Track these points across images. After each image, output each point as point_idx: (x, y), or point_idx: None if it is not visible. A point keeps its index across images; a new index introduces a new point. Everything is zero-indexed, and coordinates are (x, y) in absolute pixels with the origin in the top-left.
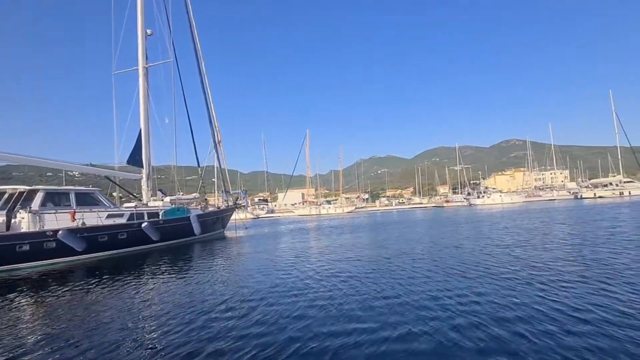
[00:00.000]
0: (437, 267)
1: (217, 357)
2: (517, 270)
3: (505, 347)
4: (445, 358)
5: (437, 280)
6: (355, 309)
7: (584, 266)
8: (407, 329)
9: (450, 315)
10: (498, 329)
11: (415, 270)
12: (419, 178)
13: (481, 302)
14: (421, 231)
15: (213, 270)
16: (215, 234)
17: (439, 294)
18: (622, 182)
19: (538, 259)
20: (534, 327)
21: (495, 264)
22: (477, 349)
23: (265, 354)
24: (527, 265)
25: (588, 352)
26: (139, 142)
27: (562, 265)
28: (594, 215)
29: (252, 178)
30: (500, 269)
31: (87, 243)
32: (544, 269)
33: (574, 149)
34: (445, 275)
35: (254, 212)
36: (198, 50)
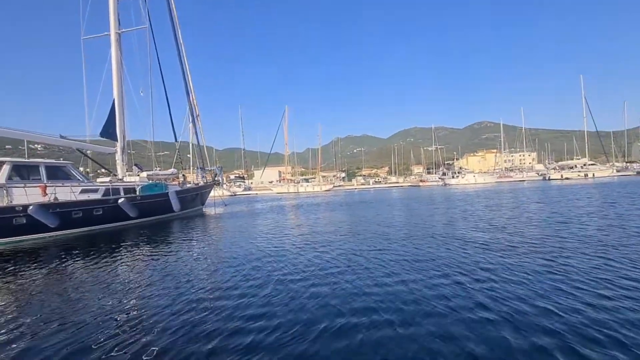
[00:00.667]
0: (437, 245)
1: (191, 337)
2: (515, 246)
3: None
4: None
5: (443, 258)
6: (351, 288)
7: (578, 242)
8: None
9: (461, 294)
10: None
11: (419, 249)
12: (395, 157)
13: (496, 279)
14: (405, 209)
15: (194, 249)
16: (194, 211)
17: (450, 272)
18: (587, 165)
19: (533, 236)
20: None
21: (491, 240)
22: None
23: (244, 332)
24: (524, 241)
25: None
26: (113, 113)
27: (556, 241)
28: (567, 194)
29: (226, 155)
30: (500, 246)
31: (60, 219)
32: (543, 245)
33: (541, 132)
34: (448, 252)
35: (231, 189)
36: (174, 17)
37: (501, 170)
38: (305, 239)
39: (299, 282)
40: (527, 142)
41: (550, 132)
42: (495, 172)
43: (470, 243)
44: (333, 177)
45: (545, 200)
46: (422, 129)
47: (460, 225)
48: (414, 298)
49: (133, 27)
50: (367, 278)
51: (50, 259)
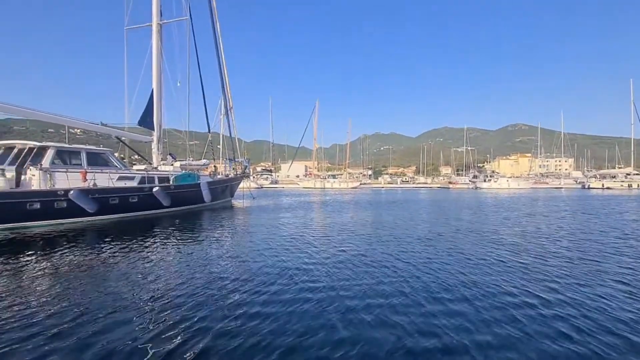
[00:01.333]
0: (488, 257)
1: (215, 333)
2: (580, 263)
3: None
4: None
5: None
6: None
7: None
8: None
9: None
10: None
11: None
12: (423, 157)
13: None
14: (440, 214)
15: (222, 243)
16: (224, 202)
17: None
18: (632, 175)
19: (596, 254)
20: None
21: (551, 256)
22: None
23: (269, 334)
24: (587, 258)
25: None
26: (151, 103)
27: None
28: (613, 205)
29: (254, 147)
30: (560, 262)
31: (98, 204)
32: (611, 264)
33: (579, 138)
34: (501, 266)
35: (258, 181)
36: (214, 10)
37: (536, 175)
38: (334, 242)
39: (321, 291)
40: (565, 148)
41: (590, 137)
42: (530, 178)
43: (529, 256)
44: (359, 174)
45: (590, 210)
46: (452, 129)
47: (511, 236)
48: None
49: (174, 19)
50: (416, 301)
51: (88, 243)
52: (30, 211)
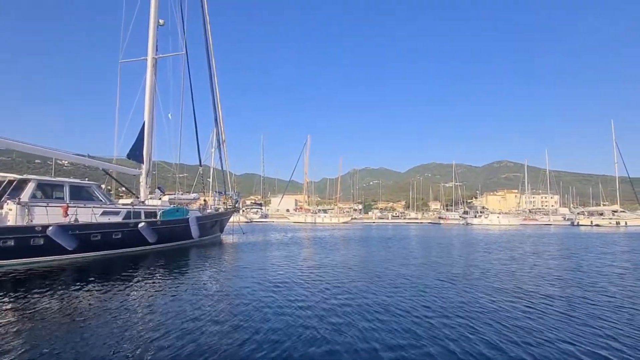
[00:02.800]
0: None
1: None
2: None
3: None
4: None
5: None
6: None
7: None
8: None
9: None
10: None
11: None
12: (412, 192)
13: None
14: (434, 252)
15: (209, 284)
16: (213, 238)
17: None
18: (618, 212)
19: (622, 297)
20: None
21: (573, 301)
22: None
23: None
24: (609, 301)
25: None
26: (141, 136)
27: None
28: (610, 244)
29: (244, 180)
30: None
31: (78, 241)
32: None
33: (563, 175)
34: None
35: (247, 215)
36: (210, 46)
37: (525, 211)
38: (326, 286)
39: (312, 344)
40: (551, 184)
41: (573, 175)
42: (519, 214)
43: (550, 305)
44: (350, 209)
45: (592, 249)
46: (440, 165)
47: (526, 279)
48: None
49: (170, 53)
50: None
51: (63, 283)
52: (3, 248)
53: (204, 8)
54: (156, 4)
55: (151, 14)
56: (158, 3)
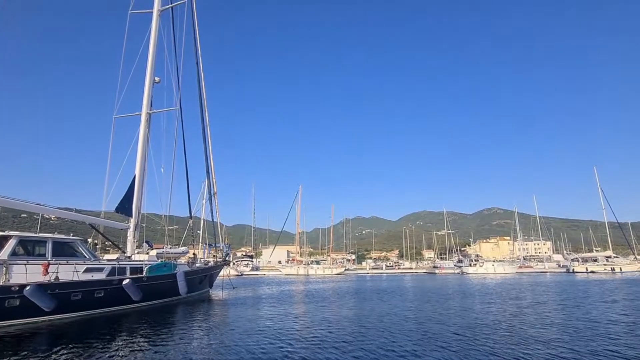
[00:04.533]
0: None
1: None
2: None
3: None
4: None
5: None
6: None
7: None
8: None
9: None
10: None
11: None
12: (405, 241)
13: None
14: (436, 309)
15: (193, 349)
16: (201, 294)
17: None
18: (612, 258)
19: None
20: None
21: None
22: None
23: None
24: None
25: None
26: (132, 189)
27: None
28: (615, 292)
29: (235, 231)
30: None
31: (56, 302)
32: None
33: (552, 221)
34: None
35: (238, 268)
36: (203, 102)
37: (519, 259)
38: (322, 349)
39: None
40: (542, 231)
41: (562, 220)
42: (514, 262)
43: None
44: (343, 259)
45: (599, 299)
46: (431, 213)
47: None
48: None
49: (164, 109)
50: None
51: (36, 349)
52: None
53: (198, 66)
54: (153, 63)
55: (147, 72)
56: (155, 62)
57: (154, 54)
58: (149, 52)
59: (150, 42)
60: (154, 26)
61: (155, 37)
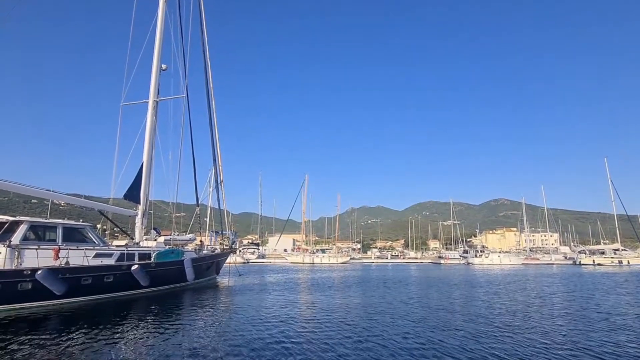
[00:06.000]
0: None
1: None
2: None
3: None
4: None
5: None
6: None
7: None
8: None
9: None
10: None
11: None
12: (411, 231)
13: None
14: (442, 299)
15: (200, 333)
16: (208, 280)
17: None
18: (620, 251)
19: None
20: None
21: None
22: None
23: None
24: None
25: None
26: (139, 176)
27: None
28: (623, 285)
29: (241, 219)
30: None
31: (67, 286)
32: None
33: (560, 213)
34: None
35: (244, 256)
36: (210, 90)
37: (526, 250)
38: (327, 335)
39: None
40: (550, 223)
41: (571, 213)
42: (520, 253)
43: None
44: (348, 248)
45: (611, 291)
46: (438, 203)
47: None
48: None
49: (171, 96)
50: None
51: (49, 331)
52: None
53: (205, 53)
54: (159, 51)
55: (154, 59)
56: (161, 49)
57: (160, 41)
58: (156, 39)
59: (157, 29)
60: (160, 12)
61: (161, 24)
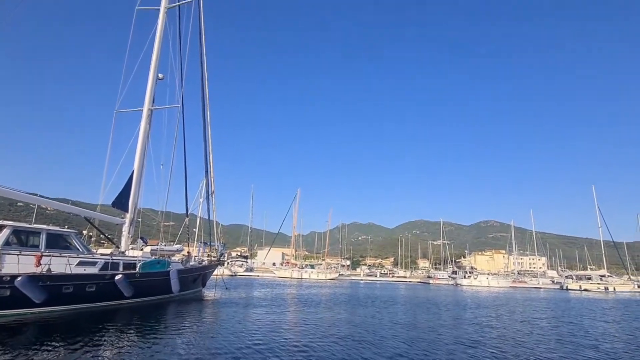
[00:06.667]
0: None
1: None
2: None
3: None
4: None
5: None
6: None
7: None
8: None
9: None
10: None
11: None
12: (401, 250)
13: None
14: (431, 323)
15: (182, 349)
16: (194, 293)
17: None
18: (606, 277)
19: None
20: None
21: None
22: None
23: None
24: None
25: None
26: (129, 184)
27: None
28: (608, 312)
29: (231, 230)
30: None
31: (48, 294)
32: None
33: (548, 237)
34: None
35: (232, 268)
36: (206, 101)
37: (514, 273)
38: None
39: None
40: (538, 246)
41: (559, 237)
42: (508, 275)
43: None
44: (337, 264)
45: (598, 317)
46: (428, 222)
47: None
48: None
49: (166, 105)
50: None
51: (25, 341)
52: None
53: (203, 65)
54: (157, 60)
55: (151, 68)
56: (159, 59)
57: (158, 50)
58: (154, 49)
59: (155, 39)
60: (160, 23)
61: (160, 34)
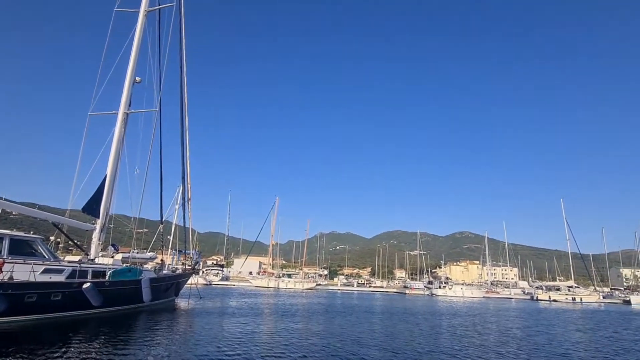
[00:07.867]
0: None
1: None
2: None
3: None
4: None
5: None
6: None
7: None
8: None
9: None
10: None
11: None
12: (378, 259)
13: None
14: (404, 333)
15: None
16: (166, 302)
17: None
18: (573, 288)
19: None
20: None
21: None
22: None
23: None
24: None
25: None
26: (101, 189)
27: None
28: (579, 322)
29: (207, 238)
30: None
31: (8, 303)
32: None
33: (519, 249)
34: None
35: (207, 277)
36: (184, 106)
37: (487, 283)
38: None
39: None
40: (511, 257)
41: (530, 248)
42: (482, 286)
43: None
44: (315, 274)
45: (568, 327)
46: (405, 233)
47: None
48: None
49: (143, 109)
50: None
51: None
52: None
53: (182, 69)
54: (134, 63)
55: (128, 71)
56: (137, 62)
57: (136, 53)
58: (132, 52)
59: (134, 41)
60: (139, 26)
61: (139, 37)
